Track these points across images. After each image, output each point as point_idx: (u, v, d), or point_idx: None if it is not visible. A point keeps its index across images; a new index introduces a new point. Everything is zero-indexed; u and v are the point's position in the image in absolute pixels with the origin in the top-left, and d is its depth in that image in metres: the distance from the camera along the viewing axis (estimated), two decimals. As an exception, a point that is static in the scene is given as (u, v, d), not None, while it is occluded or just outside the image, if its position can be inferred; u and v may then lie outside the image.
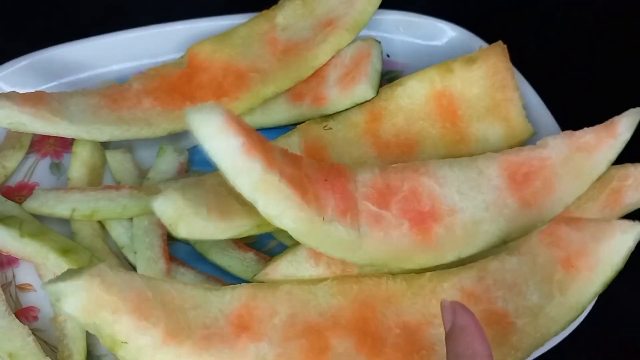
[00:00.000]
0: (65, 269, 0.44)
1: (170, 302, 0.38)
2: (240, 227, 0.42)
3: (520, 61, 0.54)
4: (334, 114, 0.52)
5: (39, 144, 0.54)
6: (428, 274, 0.43)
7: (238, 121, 0.36)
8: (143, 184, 0.50)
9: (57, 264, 0.44)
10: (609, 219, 0.46)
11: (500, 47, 0.53)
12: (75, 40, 0.55)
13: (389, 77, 0.58)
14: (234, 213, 0.42)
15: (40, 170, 0.53)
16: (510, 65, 0.52)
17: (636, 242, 0.43)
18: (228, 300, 0.41)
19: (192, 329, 0.38)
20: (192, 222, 0.41)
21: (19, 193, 0.52)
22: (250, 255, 0.47)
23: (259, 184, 0.37)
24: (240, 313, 0.40)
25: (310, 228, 0.40)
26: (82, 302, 0.34)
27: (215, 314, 0.40)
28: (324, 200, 0.42)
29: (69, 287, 0.34)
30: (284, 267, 0.44)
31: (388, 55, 0.59)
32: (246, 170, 0.36)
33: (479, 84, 0.52)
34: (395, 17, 0.58)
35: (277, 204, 0.38)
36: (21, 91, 0.49)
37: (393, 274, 0.44)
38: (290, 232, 0.40)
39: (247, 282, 0.46)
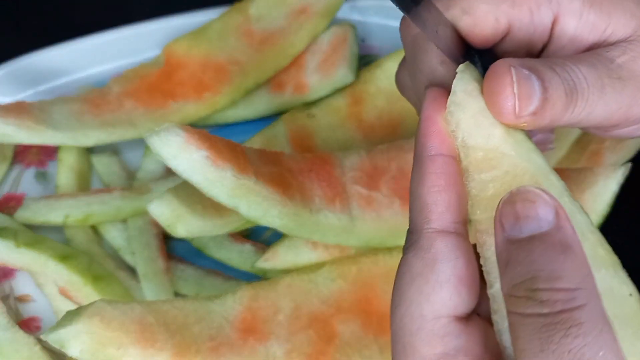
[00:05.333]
0: (64, 275, 0.44)
1: (173, 321, 0.39)
2: (237, 220, 0.43)
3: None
4: (316, 100, 0.53)
5: (22, 154, 0.54)
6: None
7: (200, 135, 0.38)
8: (133, 185, 0.51)
9: (56, 270, 0.45)
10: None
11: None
12: (49, 47, 0.55)
13: (365, 61, 0.59)
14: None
15: (26, 180, 0.53)
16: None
17: (619, 185, 0.44)
18: (230, 306, 0.41)
19: (199, 343, 0.39)
20: (189, 221, 0.42)
21: (7, 205, 0.51)
22: (247, 247, 0.48)
23: (235, 191, 0.38)
24: (244, 317, 0.41)
25: (298, 221, 0.41)
26: (86, 345, 0.35)
27: (219, 323, 0.40)
28: (310, 191, 0.43)
29: (70, 332, 0.35)
30: (283, 253, 0.45)
31: (363, 40, 0.59)
32: (218, 180, 0.38)
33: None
34: (368, 2, 0.59)
35: (258, 206, 0.39)
36: (-3, 103, 0.49)
37: (389, 249, 0.45)
38: (278, 229, 0.41)
39: (247, 273, 0.47)
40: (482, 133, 0.25)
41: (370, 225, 0.44)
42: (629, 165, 0.45)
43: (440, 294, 0.24)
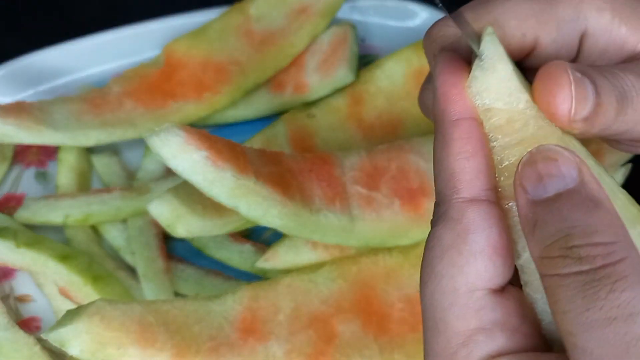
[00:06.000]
0: (64, 275, 0.44)
1: (173, 321, 0.39)
2: (237, 220, 0.43)
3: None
4: (316, 100, 0.53)
5: (22, 154, 0.54)
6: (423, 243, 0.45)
7: (200, 135, 0.38)
8: (133, 184, 0.51)
9: (56, 270, 0.45)
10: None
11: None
12: (49, 47, 0.55)
13: (365, 61, 0.59)
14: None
15: (26, 180, 0.53)
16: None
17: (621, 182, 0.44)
18: (230, 306, 0.41)
19: (199, 343, 0.39)
20: (190, 221, 0.42)
21: (7, 205, 0.51)
22: (247, 247, 0.48)
23: (235, 191, 0.38)
24: (244, 317, 0.41)
25: (298, 221, 0.41)
26: (86, 344, 0.36)
27: (219, 323, 0.40)
28: (310, 191, 0.43)
29: (70, 331, 0.35)
30: (283, 253, 0.45)
31: (363, 40, 0.59)
32: (218, 180, 0.38)
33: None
34: (368, 2, 0.59)
35: (258, 206, 0.39)
36: (-3, 103, 0.49)
37: (389, 249, 0.45)
38: (278, 229, 0.41)
39: (247, 273, 0.47)
40: (509, 98, 0.24)
41: (370, 225, 0.44)
42: (629, 166, 0.45)
43: (475, 266, 0.23)
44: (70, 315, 0.36)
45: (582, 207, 0.21)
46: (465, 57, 0.26)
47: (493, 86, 0.24)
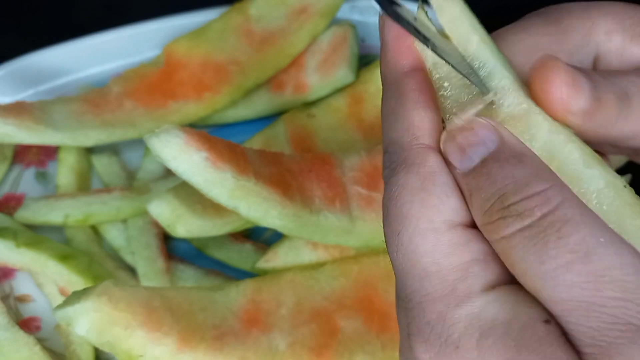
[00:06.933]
0: (64, 275, 0.44)
1: (178, 308, 0.39)
2: (237, 220, 0.43)
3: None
4: (316, 100, 0.53)
5: (22, 154, 0.54)
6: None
7: (200, 136, 0.38)
8: (133, 185, 0.51)
9: (56, 270, 0.45)
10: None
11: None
12: (49, 47, 0.55)
13: (365, 61, 0.59)
14: (229, 207, 0.43)
15: (26, 180, 0.53)
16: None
17: None
18: (234, 298, 0.41)
19: (203, 331, 0.39)
20: (189, 221, 0.42)
21: (7, 205, 0.51)
22: (247, 246, 0.48)
23: (235, 192, 0.38)
24: (247, 308, 0.41)
25: (298, 222, 0.41)
26: (94, 323, 0.35)
27: (223, 313, 0.40)
28: (310, 192, 0.43)
29: (78, 310, 0.35)
30: (283, 253, 0.45)
31: (363, 40, 0.59)
32: (218, 181, 0.38)
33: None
34: (368, 2, 0.59)
35: (258, 207, 0.39)
36: (-3, 103, 0.49)
37: (389, 250, 0.45)
38: (279, 230, 0.41)
39: (247, 272, 0.47)
40: (459, 40, 0.24)
41: (370, 226, 0.44)
42: (629, 176, 0.45)
43: (449, 204, 0.22)
44: (78, 295, 0.36)
45: (508, 165, 0.21)
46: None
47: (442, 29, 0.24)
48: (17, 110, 0.48)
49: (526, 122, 0.23)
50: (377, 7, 0.24)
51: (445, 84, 0.24)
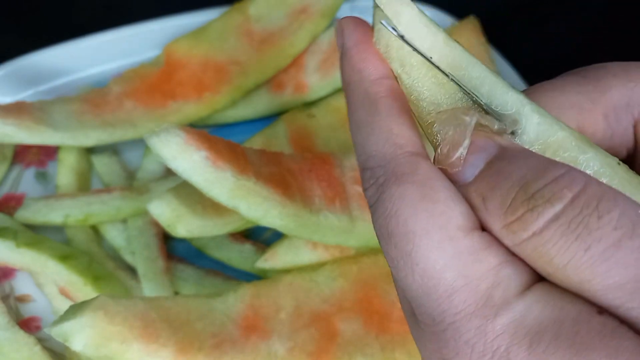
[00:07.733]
0: (64, 275, 0.44)
1: (175, 318, 0.39)
2: (237, 220, 0.43)
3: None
4: (316, 100, 0.53)
5: (22, 154, 0.54)
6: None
7: (200, 136, 0.38)
8: (133, 185, 0.51)
9: (57, 270, 0.44)
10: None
11: (472, 23, 0.54)
12: (49, 47, 0.55)
13: (365, 60, 0.59)
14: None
15: (26, 180, 0.53)
16: (484, 40, 0.53)
17: None
18: (232, 304, 0.41)
19: (201, 340, 0.38)
20: (190, 221, 0.42)
21: (7, 205, 0.51)
22: (247, 247, 0.48)
23: (235, 191, 0.38)
24: (246, 314, 0.41)
25: (298, 222, 0.41)
26: (90, 339, 0.35)
27: (221, 320, 0.40)
28: (310, 191, 0.43)
29: (74, 326, 0.35)
30: (283, 253, 0.45)
31: (363, 39, 0.59)
32: (218, 180, 0.38)
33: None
34: (368, 2, 0.59)
35: (258, 206, 0.39)
36: (-3, 103, 0.49)
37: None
38: (279, 230, 0.41)
39: (247, 273, 0.47)
40: (420, 43, 0.23)
41: (370, 226, 0.44)
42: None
43: (458, 208, 0.20)
44: (73, 310, 0.36)
45: (517, 159, 0.19)
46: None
47: (398, 38, 0.23)
48: (17, 110, 0.48)
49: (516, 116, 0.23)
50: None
51: (419, 86, 0.23)
